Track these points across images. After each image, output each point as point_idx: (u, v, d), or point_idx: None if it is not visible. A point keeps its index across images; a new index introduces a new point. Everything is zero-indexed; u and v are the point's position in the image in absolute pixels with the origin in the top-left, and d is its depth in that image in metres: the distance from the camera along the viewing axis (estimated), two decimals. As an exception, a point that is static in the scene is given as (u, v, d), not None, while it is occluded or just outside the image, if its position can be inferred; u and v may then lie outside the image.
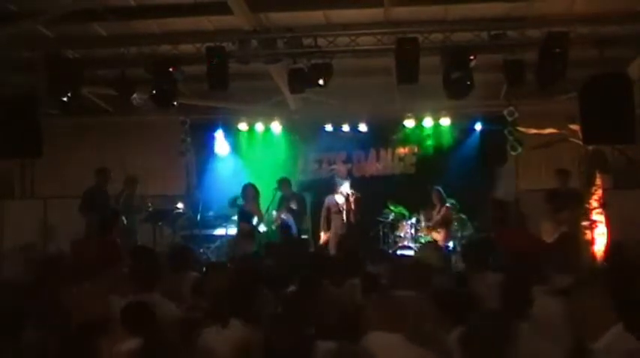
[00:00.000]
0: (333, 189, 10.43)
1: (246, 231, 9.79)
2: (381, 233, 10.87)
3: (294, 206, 10.57)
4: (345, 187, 10.23)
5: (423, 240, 10.45)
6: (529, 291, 4.00)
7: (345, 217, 10.10)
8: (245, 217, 10.01)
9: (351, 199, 10.11)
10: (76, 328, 3.81)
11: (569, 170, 9.50)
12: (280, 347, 3.24)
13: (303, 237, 10.93)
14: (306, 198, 11.02)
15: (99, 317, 4.00)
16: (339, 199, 10.20)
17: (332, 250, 9.78)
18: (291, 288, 5.04)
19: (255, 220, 10.00)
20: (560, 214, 8.81)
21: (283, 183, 10.85)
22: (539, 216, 9.05)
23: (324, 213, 10.38)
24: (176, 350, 3.46)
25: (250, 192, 10.10)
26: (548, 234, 8.60)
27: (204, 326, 3.97)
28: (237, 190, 10.33)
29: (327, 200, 10.36)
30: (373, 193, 11.38)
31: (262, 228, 10.24)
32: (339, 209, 10.16)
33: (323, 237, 10.40)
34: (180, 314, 4.51)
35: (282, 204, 10.54)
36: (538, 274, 4.67)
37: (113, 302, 4.47)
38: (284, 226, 9.93)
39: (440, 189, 10.51)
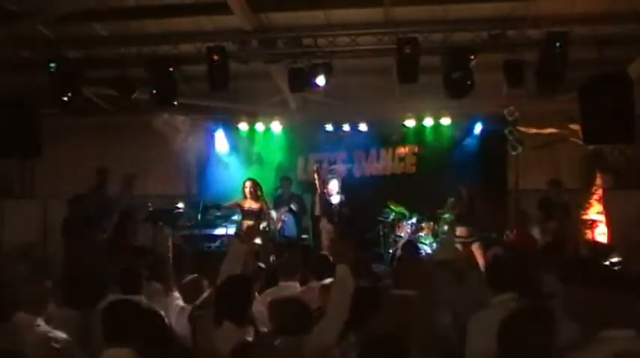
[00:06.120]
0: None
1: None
2: (381, 233, 10.87)
3: (294, 207, 10.57)
4: (334, 185, 10.03)
5: (424, 240, 10.44)
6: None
7: (331, 220, 9.93)
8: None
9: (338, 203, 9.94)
10: None
11: (561, 181, 9.54)
12: None
13: (304, 237, 10.96)
14: (306, 198, 11.02)
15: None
16: (332, 199, 10.04)
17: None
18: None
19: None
20: (548, 223, 8.89)
21: (284, 182, 10.86)
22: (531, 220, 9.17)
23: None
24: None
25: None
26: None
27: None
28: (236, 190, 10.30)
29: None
30: (373, 193, 11.42)
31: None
32: (328, 210, 10.01)
33: None
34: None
35: (282, 204, 10.54)
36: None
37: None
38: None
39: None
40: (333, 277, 4.29)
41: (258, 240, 9.26)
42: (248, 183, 9.71)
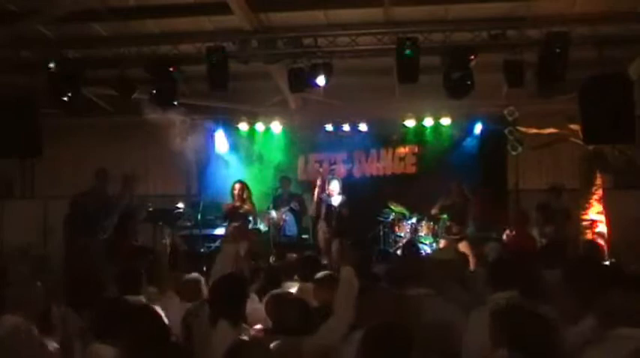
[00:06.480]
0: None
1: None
2: (381, 233, 10.86)
3: (295, 206, 10.57)
4: (335, 186, 10.04)
5: (424, 240, 10.41)
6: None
7: (328, 220, 9.92)
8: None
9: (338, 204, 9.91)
10: None
11: (561, 187, 9.54)
12: None
13: (304, 236, 10.96)
14: (306, 198, 11.02)
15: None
16: (333, 200, 10.03)
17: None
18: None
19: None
20: (546, 226, 8.90)
21: (284, 182, 10.86)
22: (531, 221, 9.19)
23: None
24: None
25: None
26: None
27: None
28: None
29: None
30: (373, 193, 11.41)
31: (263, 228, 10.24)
32: (326, 211, 10.01)
33: None
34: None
35: (282, 204, 10.54)
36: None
37: None
38: None
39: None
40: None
41: (244, 244, 9.24)
42: (237, 186, 9.79)
